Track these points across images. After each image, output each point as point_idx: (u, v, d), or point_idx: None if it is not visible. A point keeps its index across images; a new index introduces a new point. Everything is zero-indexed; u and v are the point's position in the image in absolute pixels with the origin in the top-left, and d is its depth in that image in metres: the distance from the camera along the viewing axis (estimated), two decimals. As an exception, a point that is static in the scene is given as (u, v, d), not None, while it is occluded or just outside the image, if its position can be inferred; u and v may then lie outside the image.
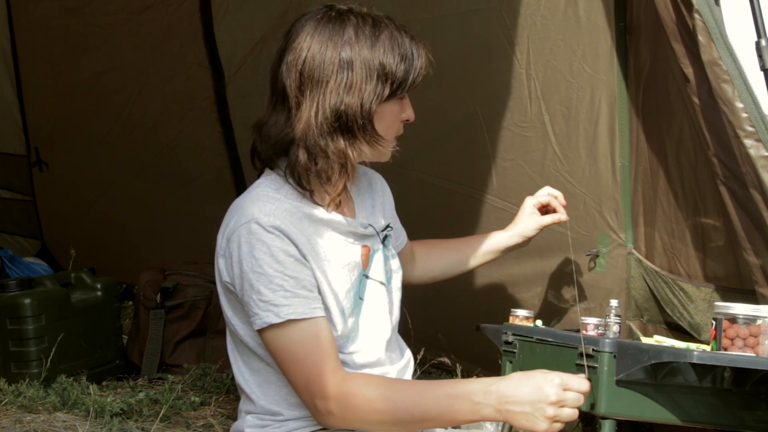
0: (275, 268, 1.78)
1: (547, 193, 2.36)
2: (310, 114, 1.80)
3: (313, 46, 1.80)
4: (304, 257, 1.82)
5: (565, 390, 1.68)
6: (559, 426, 1.70)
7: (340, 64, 1.78)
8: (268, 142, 1.88)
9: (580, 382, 1.70)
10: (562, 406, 1.68)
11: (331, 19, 1.82)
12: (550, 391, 1.68)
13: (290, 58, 1.82)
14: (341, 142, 1.81)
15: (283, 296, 1.78)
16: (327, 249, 1.88)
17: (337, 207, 1.90)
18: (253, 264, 1.78)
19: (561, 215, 2.34)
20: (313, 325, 1.80)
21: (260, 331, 1.82)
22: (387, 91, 1.80)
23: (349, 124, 1.80)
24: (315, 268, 1.84)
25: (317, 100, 1.79)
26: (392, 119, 1.87)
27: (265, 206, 1.82)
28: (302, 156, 1.82)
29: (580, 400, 1.70)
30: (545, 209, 2.37)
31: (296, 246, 1.81)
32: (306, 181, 1.86)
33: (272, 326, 1.79)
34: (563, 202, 2.35)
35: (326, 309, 1.86)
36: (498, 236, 2.37)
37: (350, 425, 1.80)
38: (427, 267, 2.36)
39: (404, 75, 1.81)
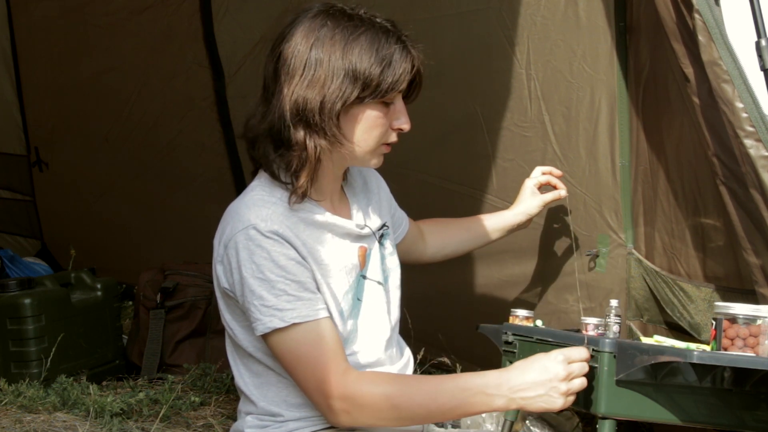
0: (276, 273, 1.78)
1: (541, 173, 2.48)
2: (277, 104, 1.82)
3: (290, 40, 1.82)
4: (304, 259, 1.82)
5: (570, 363, 1.74)
6: (572, 399, 1.76)
7: (308, 60, 1.79)
8: (246, 133, 1.90)
9: (580, 352, 1.77)
10: (572, 379, 1.74)
11: (316, 16, 1.83)
12: (557, 368, 1.74)
13: (272, 51, 1.86)
14: (300, 134, 1.81)
15: (286, 300, 1.78)
16: (324, 252, 1.87)
17: (302, 199, 1.86)
18: (254, 270, 1.78)
19: (561, 191, 2.47)
20: (318, 326, 1.80)
21: (265, 336, 1.81)
22: (355, 93, 1.79)
23: (308, 119, 1.80)
24: (315, 270, 1.84)
25: (284, 91, 1.81)
26: (370, 124, 1.85)
27: (262, 211, 1.81)
28: (268, 146, 1.85)
29: (585, 367, 1.76)
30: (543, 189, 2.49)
31: (295, 249, 1.81)
32: (282, 174, 1.86)
33: (277, 331, 1.79)
34: (558, 173, 2.48)
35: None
36: (504, 215, 2.46)
37: (365, 423, 1.81)
38: (439, 245, 2.40)
39: (379, 78, 1.79)
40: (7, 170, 5.06)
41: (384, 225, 2.06)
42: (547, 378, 1.73)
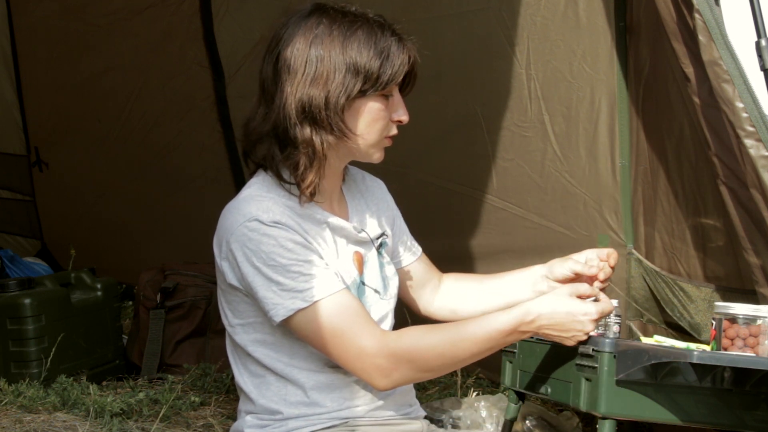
0: (287, 257, 1.78)
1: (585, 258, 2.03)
2: (280, 105, 1.82)
3: (287, 40, 1.83)
4: (310, 243, 1.83)
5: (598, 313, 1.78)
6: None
7: (308, 57, 1.81)
8: (248, 135, 1.90)
9: (608, 306, 1.80)
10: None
11: (310, 15, 1.85)
12: (587, 309, 1.77)
13: (269, 53, 1.86)
14: (307, 132, 1.82)
15: (303, 281, 1.78)
16: (323, 249, 1.87)
17: (311, 198, 1.87)
18: (265, 258, 1.78)
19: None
20: (341, 297, 1.80)
21: (289, 320, 1.80)
22: (358, 86, 1.81)
23: (314, 115, 1.81)
24: (321, 253, 1.84)
25: (286, 91, 1.82)
26: (373, 116, 1.86)
27: (262, 204, 1.82)
28: (274, 146, 1.85)
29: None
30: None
31: (300, 234, 1.81)
32: (286, 174, 1.87)
33: (301, 311, 1.78)
34: (612, 263, 1.96)
35: None
36: (542, 284, 2.08)
37: (414, 377, 1.83)
38: (453, 305, 2.17)
39: (379, 71, 1.81)
40: (7, 170, 5.06)
41: (383, 234, 2.05)
42: (572, 319, 1.78)
